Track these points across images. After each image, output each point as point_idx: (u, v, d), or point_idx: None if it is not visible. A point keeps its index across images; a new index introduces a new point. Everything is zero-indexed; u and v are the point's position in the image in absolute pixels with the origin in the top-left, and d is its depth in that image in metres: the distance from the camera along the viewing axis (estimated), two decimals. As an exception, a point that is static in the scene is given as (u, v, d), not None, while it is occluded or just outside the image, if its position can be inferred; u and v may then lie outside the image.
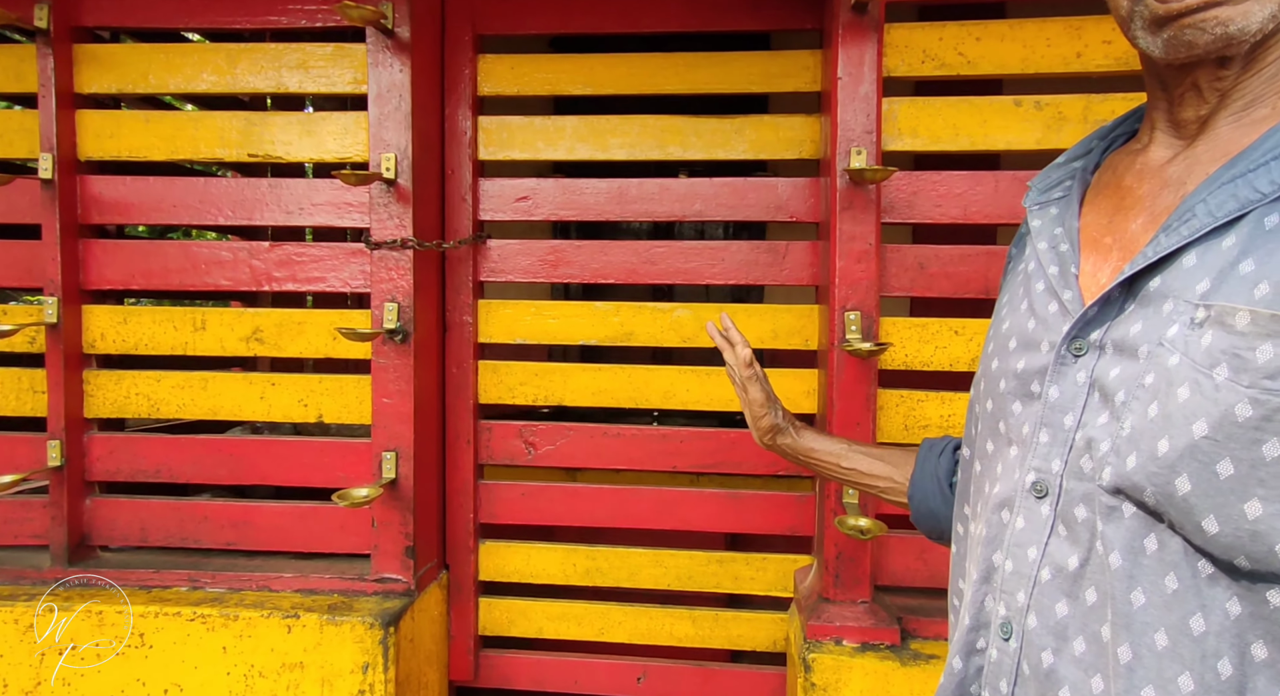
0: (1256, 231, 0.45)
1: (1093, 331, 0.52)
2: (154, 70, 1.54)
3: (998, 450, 0.60)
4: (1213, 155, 0.51)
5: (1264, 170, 0.46)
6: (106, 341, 1.58)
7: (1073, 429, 0.52)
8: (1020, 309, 0.61)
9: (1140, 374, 0.48)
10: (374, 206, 1.51)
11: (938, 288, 1.45)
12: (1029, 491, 0.54)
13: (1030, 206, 0.65)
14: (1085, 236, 0.58)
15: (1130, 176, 0.57)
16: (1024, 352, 0.58)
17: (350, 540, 1.58)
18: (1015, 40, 1.41)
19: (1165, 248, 0.48)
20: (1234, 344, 0.43)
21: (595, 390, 1.66)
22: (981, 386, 0.65)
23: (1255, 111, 0.50)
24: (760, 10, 1.62)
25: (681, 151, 1.64)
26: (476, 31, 1.64)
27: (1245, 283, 0.44)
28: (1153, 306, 0.49)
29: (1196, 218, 0.48)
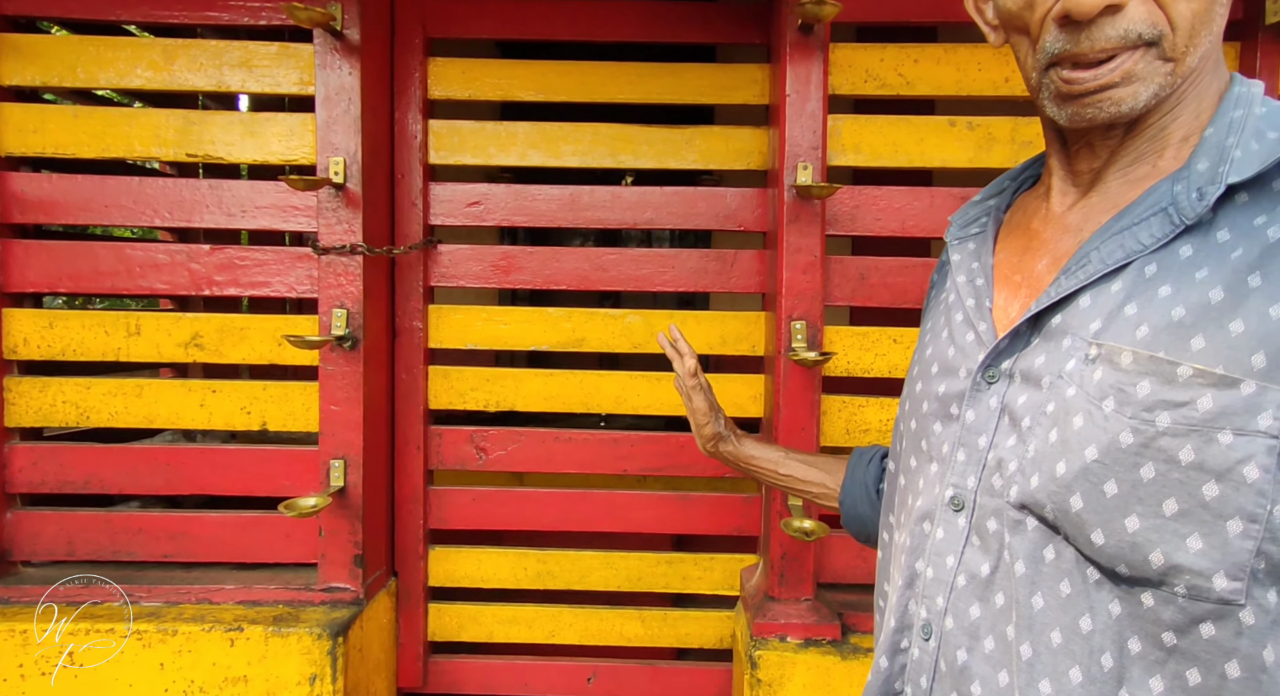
0: (1139, 279, 0.52)
1: (1004, 361, 0.58)
2: (83, 64, 1.47)
3: (920, 466, 0.65)
4: (1104, 206, 0.57)
5: (1145, 225, 0.52)
6: (30, 347, 1.50)
7: (985, 449, 0.58)
8: (941, 337, 0.67)
9: (1043, 402, 0.54)
10: (322, 211, 1.48)
11: (878, 297, 1.52)
12: (948, 505, 0.60)
13: (950, 241, 0.71)
14: (998, 273, 0.64)
15: (1036, 220, 0.64)
16: (945, 377, 0.64)
17: (296, 549, 1.55)
18: (950, 64, 1.49)
19: (1065, 289, 0.54)
20: (1119, 380, 0.49)
21: (547, 395, 1.67)
22: (906, 406, 0.70)
23: (1138, 169, 0.56)
24: (711, 24, 1.65)
25: (633, 159, 1.66)
26: (427, 34, 1.63)
27: (1129, 324, 0.50)
28: (1054, 341, 0.55)
29: (1091, 264, 0.54)
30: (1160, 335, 0.49)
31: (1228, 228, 0.50)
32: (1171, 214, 0.51)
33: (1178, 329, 0.48)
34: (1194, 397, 0.46)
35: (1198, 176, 0.51)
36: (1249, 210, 0.50)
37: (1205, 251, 0.50)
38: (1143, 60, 0.51)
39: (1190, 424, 0.46)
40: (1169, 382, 0.47)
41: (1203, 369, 0.47)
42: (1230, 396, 0.45)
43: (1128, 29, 0.50)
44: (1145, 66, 0.51)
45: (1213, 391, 0.46)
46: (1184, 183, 0.52)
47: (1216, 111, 0.54)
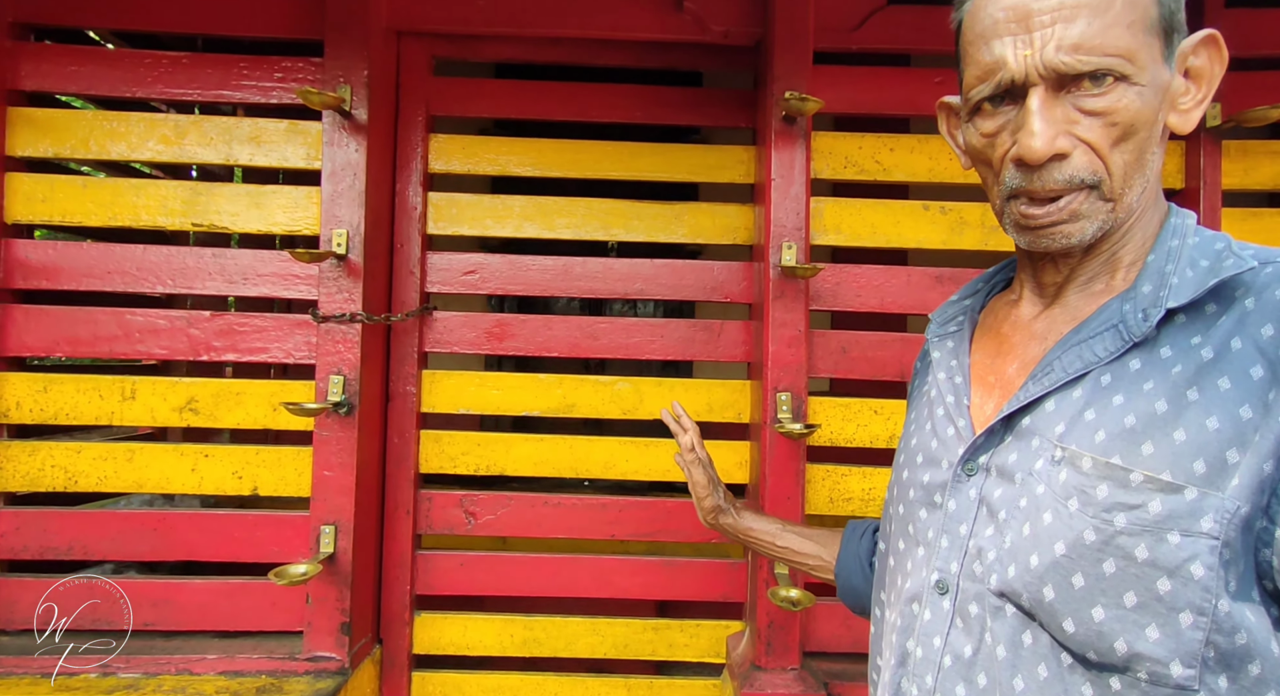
0: (1096, 387, 0.58)
1: (981, 455, 0.64)
2: (96, 136, 1.52)
3: (908, 548, 0.70)
4: (1065, 318, 0.64)
5: (1099, 339, 0.59)
6: (23, 410, 1.50)
7: (966, 537, 0.63)
8: (925, 428, 0.73)
9: (1017, 497, 0.60)
10: (323, 280, 1.52)
11: (858, 370, 1.58)
12: (933, 588, 0.65)
13: (930, 337, 0.78)
14: (975, 372, 0.71)
15: (1006, 325, 0.71)
16: (929, 467, 0.69)
17: (282, 617, 1.53)
18: (923, 153, 1.60)
19: (1032, 394, 0.61)
20: (1082, 482, 0.55)
21: (537, 460, 1.70)
22: (894, 491, 0.75)
23: (1094, 285, 0.64)
24: (700, 108, 1.76)
25: (625, 233, 1.74)
26: (430, 112, 1.71)
27: (1089, 429, 0.57)
28: (1024, 440, 0.61)
29: (1054, 372, 0.60)
30: (1115, 441, 0.55)
31: (1169, 345, 0.57)
32: (1121, 331, 0.58)
33: (1130, 435, 0.54)
34: (1145, 501, 0.52)
35: (1142, 298, 0.59)
36: (1186, 330, 0.57)
37: (1151, 366, 0.57)
38: (1087, 201, 0.58)
39: (1143, 525, 0.52)
40: (1124, 487, 0.53)
41: (1152, 476, 0.52)
42: (1176, 501, 0.51)
43: (1072, 175, 0.57)
44: (1089, 206, 0.58)
45: (1161, 496, 0.52)
46: (1131, 303, 0.59)
47: (1156, 240, 0.62)
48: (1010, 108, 0.60)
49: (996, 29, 0.59)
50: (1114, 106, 0.56)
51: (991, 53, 0.59)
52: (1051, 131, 0.57)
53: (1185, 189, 1.58)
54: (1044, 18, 0.56)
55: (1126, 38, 0.55)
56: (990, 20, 0.59)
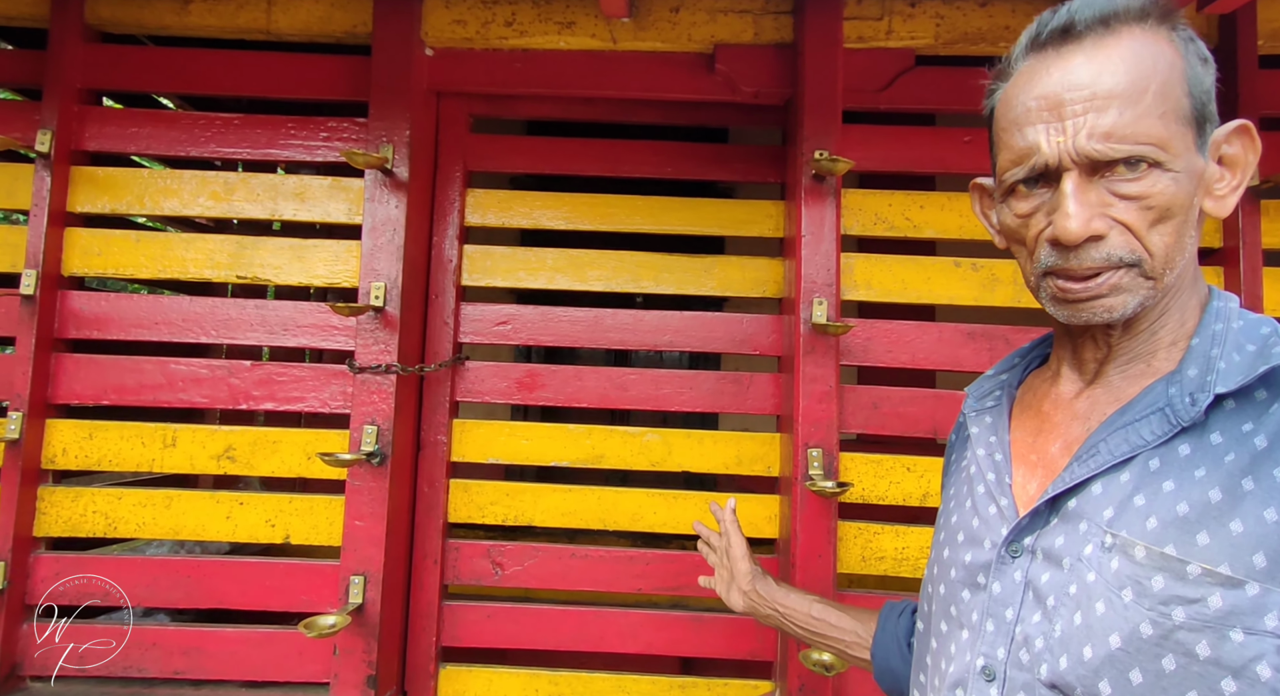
0: (1144, 472, 0.57)
1: (1026, 537, 0.63)
2: (150, 194, 1.59)
3: (950, 631, 0.68)
4: (1107, 398, 0.64)
5: (1145, 422, 0.58)
6: (68, 457, 1.54)
7: (1013, 622, 0.61)
8: (965, 506, 0.72)
9: (1066, 583, 0.58)
10: (360, 332, 1.56)
11: (890, 426, 1.57)
12: (979, 674, 0.62)
13: (968, 412, 0.77)
14: (1015, 450, 0.70)
15: (1047, 403, 0.70)
16: (970, 547, 0.68)
17: (308, 668, 1.53)
18: (953, 210, 1.61)
19: (1078, 476, 0.60)
20: (1135, 572, 0.53)
21: (565, 511, 1.70)
22: (934, 570, 0.73)
23: (1135, 366, 0.63)
24: (729, 163, 1.79)
25: (655, 285, 1.76)
26: (467, 168, 1.76)
27: (1139, 515, 0.55)
28: (1071, 523, 0.59)
29: (1100, 454, 0.59)
30: (1169, 529, 0.53)
31: (1219, 431, 0.56)
32: (1169, 415, 0.57)
33: (1184, 524, 0.53)
34: (1205, 595, 0.50)
35: (1189, 382, 0.58)
36: (1236, 417, 0.56)
37: (1201, 452, 0.55)
38: (1126, 276, 0.58)
39: (1204, 620, 0.50)
40: (1181, 579, 0.51)
41: (1210, 569, 0.50)
42: (1237, 596, 0.49)
43: (1109, 254, 0.57)
44: (1129, 281, 0.58)
45: (1221, 590, 0.50)
46: (1177, 386, 0.58)
47: (1200, 322, 0.61)
48: (1044, 190, 0.60)
49: (1029, 117, 0.60)
50: (1149, 191, 0.56)
51: (1025, 139, 0.60)
52: (1087, 213, 0.57)
53: (1224, 249, 1.56)
54: (1076, 106, 0.57)
55: (1159, 127, 0.56)
56: (1023, 108, 0.60)
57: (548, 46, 1.69)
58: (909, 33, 1.61)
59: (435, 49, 1.69)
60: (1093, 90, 0.56)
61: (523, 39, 1.68)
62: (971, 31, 1.60)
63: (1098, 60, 0.57)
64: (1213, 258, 1.60)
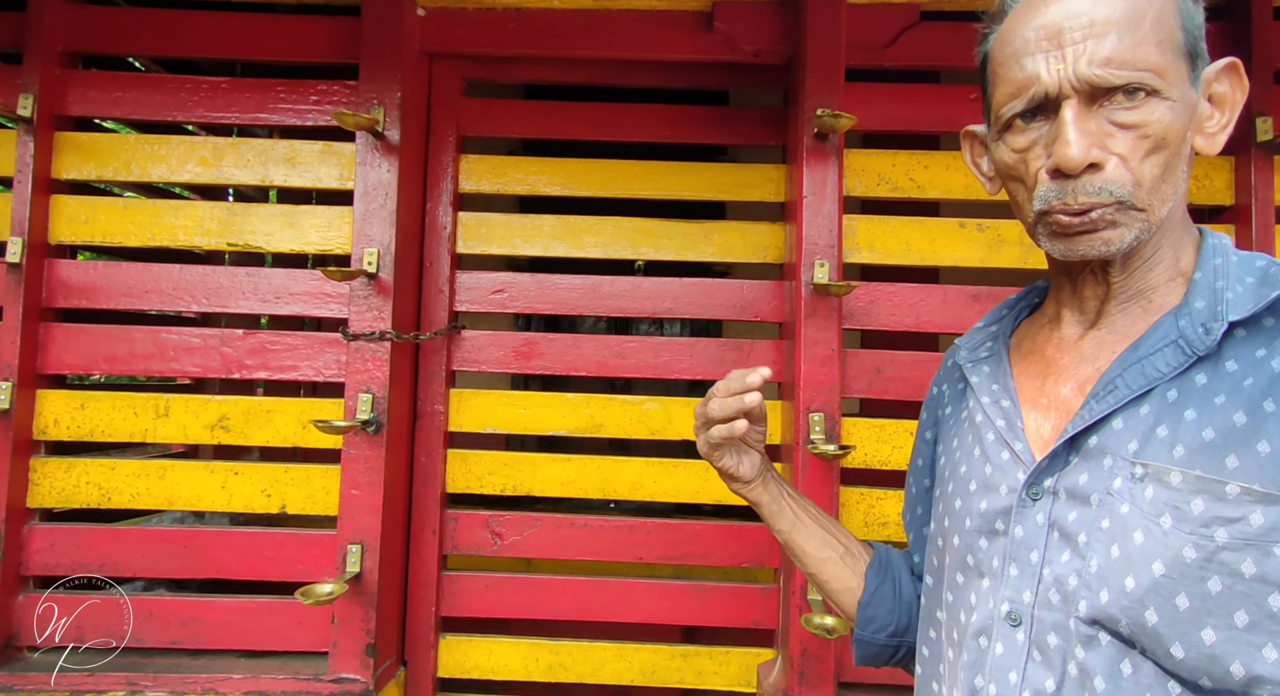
0: (1163, 403, 0.58)
1: (1045, 479, 0.62)
2: (137, 160, 1.56)
3: (969, 581, 0.68)
4: (1113, 338, 0.65)
5: (1160, 355, 0.59)
6: (60, 427, 1.52)
7: (1038, 564, 0.61)
8: (974, 455, 0.71)
9: (1096, 518, 0.58)
10: (353, 298, 1.53)
11: (893, 391, 1.55)
12: (1004, 620, 0.62)
13: (964, 363, 0.77)
14: (1022, 395, 0.70)
15: (1051, 348, 0.70)
16: (984, 494, 0.67)
17: (307, 637, 1.52)
18: (958, 170, 1.57)
19: (1098, 413, 0.60)
20: (1172, 498, 0.54)
21: (564, 480, 1.68)
22: (946, 522, 0.72)
23: (1136, 305, 0.64)
24: (730, 126, 1.75)
25: (653, 252, 1.73)
26: (460, 133, 1.72)
27: (1165, 444, 0.56)
28: (1094, 460, 0.60)
29: (1118, 390, 0.60)
30: (1196, 455, 0.54)
31: (1234, 359, 0.57)
32: (1182, 346, 0.58)
33: (1211, 449, 0.54)
34: (1245, 513, 0.51)
35: (1198, 313, 0.59)
36: (1248, 344, 0.57)
37: (1218, 380, 0.56)
38: (1120, 211, 0.59)
39: (1246, 538, 0.50)
40: (1220, 500, 0.52)
41: (1249, 487, 0.51)
42: (1277, 512, 0.50)
43: (1103, 185, 0.58)
44: (1123, 215, 0.59)
45: (1261, 507, 0.50)
46: (1187, 318, 0.59)
47: (1199, 258, 0.63)
48: (1043, 123, 0.61)
49: (1028, 47, 0.60)
50: (1147, 120, 0.57)
51: (1024, 69, 0.60)
52: (1087, 141, 0.58)
53: (1236, 205, 1.53)
54: (1075, 34, 0.58)
55: (1156, 54, 0.57)
56: (1021, 40, 0.61)
57: (542, 4, 1.64)
58: (913, -13, 1.56)
59: (427, 9, 1.65)
60: (1091, 18, 0.58)
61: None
62: (978, -16, 1.55)
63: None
64: (1225, 215, 1.56)
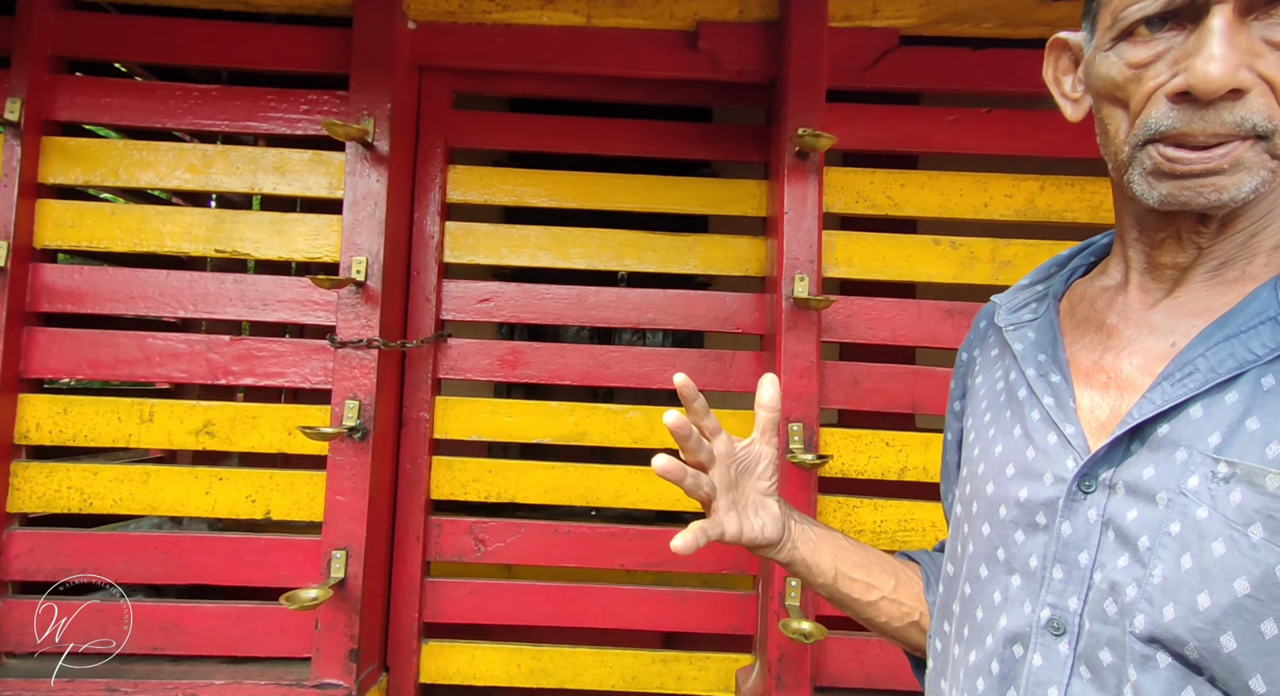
0: (1256, 391, 0.48)
1: (1102, 469, 0.54)
2: (125, 165, 1.56)
3: (993, 576, 0.60)
4: (1193, 308, 0.55)
5: (1255, 333, 0.50)
6: (42, 432, 1.52)
7: (1089, 568, 0.53)
8: (1013, 434, 0.62)
9: (1163, 521, 0.49)
10: (341, 306, 1.55)
11: (870, 402, 1.59)
12: (1045, 628, 0.54)
13: (1005, 326, 0.67)
14: (1076, 370, 0.60)
15: (1113, 316, 0.60)
16: (1024, 481, 0.59)
17: (290, 643, 1.53)
18: (934, 189, 1.63)
19: (1173, 398, 0.51)
20: (1267, 505, 0.45)
21: (548, 487, 1.70)
22: (974, 508, 0.64)
23: (1227, 272, 0.54)
24: (713, 142, 1.79)
25: (637, 264, 1.76)
26: (448, 144, 1.75)
27: (1255, 440, 0.47)
28: (1164, 452, 0.51)
29: (1199, 372, 0.50)
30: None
31: None
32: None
33: None
34: None
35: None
36: None
37: None
38: (1251, 150, 0.49)
39: None
40: None
41: None
42: None
43: (1244, 116, 0.48)
44: (1254, 157, 0.49)
45: None
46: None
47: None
48: (1175, 33, 0.50)
49: None
50: None
51: None
52: (1236, 59, 0.47)
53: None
54: None
55: None
56: None
57: (530, 22, 1.68)
58: (895, 12, 1.62)
59: (417, 22, 1.67)
60: None
61: (505, 14, 1.66)
62: (957, 11, 1.61)
63: None
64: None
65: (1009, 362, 0.66)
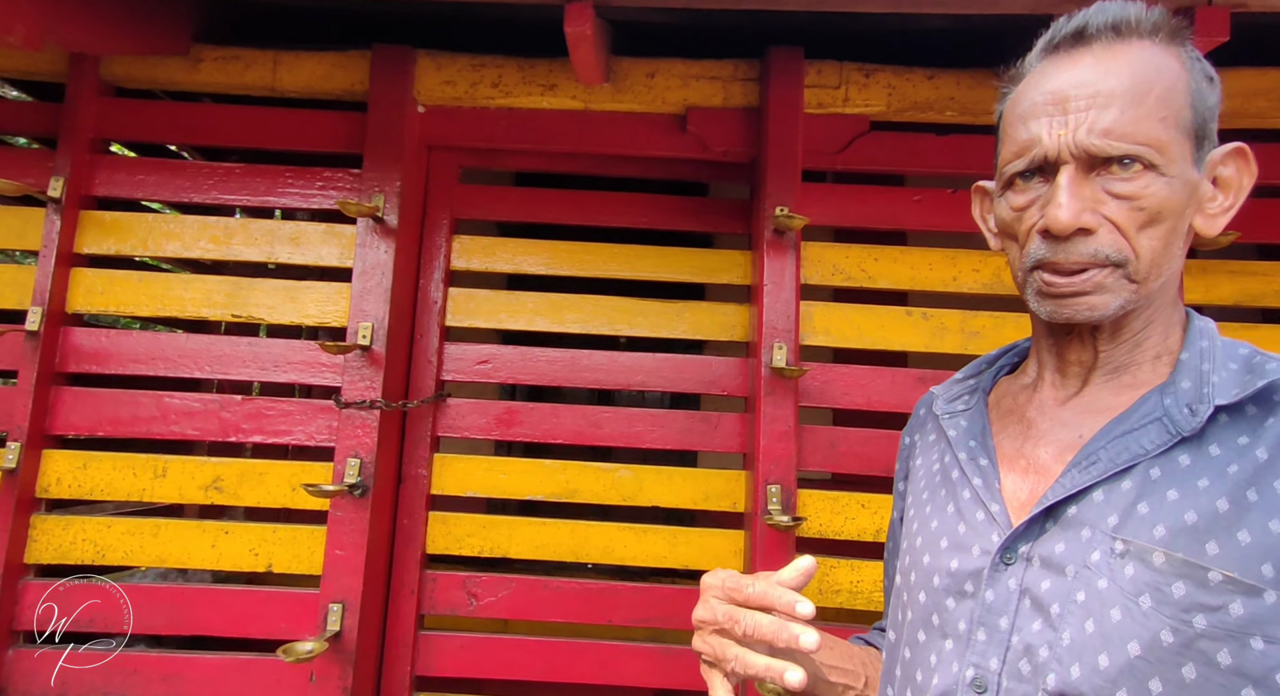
0: (1145, 480, 0.57)
1: (1021, 544, 0.61)
2: (154, 237, 1.69)
3: (930, 641, 0.66)
4: (1096, 406, 0.64)
5: (1144, 431, 0.59)
6: (62, 486, 1.61)
7: (1008, 631, 0.60)
8: (947, 511, 0.69)
9: (1071, 590, 0.57)
10: (348, 368, 1.65)
11: (846, 465, 1.66)
12: (970, 686, 0.61)
13: (941, 415, 0.76)
14: (1001, 455, 0.69)
15: (1032, 410, 0.69)
16: (956, 553, 0.66)
17: (286, 694, 1.58)
18: (905, 263, 1.73)
19: (1080, 483, 0.59)
20: (1154, 579, 0.53)
21: (539, 543, 1.77)
22: (912, 577, 0.70)
23: (1122, 377, 0.64)
24: (702, 215, 1.91)
25: (629, 328, 1.86)
26: (454, 216, 1.87)
27: (1145, 523, 0.55)
28: (1071, 530, 0.59)
29: (1100, 462, 0.59)
30: (1178, 537, 0.53)
31: (1217, 444, 0.57)
32: (1167, 425, 0.58)
33: (1193, 532, 0.53)
34: (1226, 603, 0.50)
35: (1184, 393, 0.59)
36: (1230, 430, 0.57)
37: (1202, 463, 0.56)
38: (1111, 276, 0.59)
39: (1226, 628, 0.50)
40: (1202, 586, 0.51)
41: (1231, 575, 0.51)
42: (1257, 604, 0.50)
43: (1096, 250, 0.59)
44: (1114, 281, 0.59)
45: (1242, 598, 0.50)
46: (1172, 397, 0.59)
47: (1186, 339, 0.63)
48: (1041, 184, 0.62)
49: (1035, 111, 0.62)
50: (1141, 192, 0.58)
51: (1028, 130, 0.62)
52: (1078, 205, 0.58)
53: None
54: (1080, 102, 0.59)
55: (1158, 130, 0.58)
56: (1030, 103, 0.62)
57: (531, 106, 1.82)
58: (864, 101, 1.75)
59: (427, 106, 1.82)
60: (1097, 88, 0.59)
61: (508, 99, 1.81)
62: (920, 101, 1.74)
63: (1105, 62, 0.60)
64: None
65: (944, 447, 0.75)
